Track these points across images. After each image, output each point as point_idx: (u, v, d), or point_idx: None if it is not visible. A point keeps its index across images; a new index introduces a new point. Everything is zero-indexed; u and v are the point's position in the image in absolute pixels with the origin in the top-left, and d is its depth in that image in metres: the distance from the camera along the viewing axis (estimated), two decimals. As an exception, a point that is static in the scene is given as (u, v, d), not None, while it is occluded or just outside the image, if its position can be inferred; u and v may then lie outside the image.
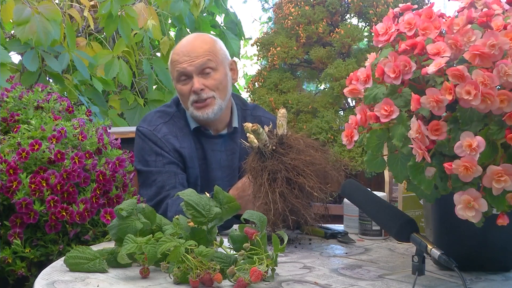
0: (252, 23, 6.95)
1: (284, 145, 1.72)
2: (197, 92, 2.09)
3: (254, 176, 1.73)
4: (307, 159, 1.70)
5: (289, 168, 1.68)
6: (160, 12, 4.04)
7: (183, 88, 2.12)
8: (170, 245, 1.37)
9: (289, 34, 4.11)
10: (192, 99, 2.10)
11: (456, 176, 1.20)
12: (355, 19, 4.23)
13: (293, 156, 1.69)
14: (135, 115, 3.98)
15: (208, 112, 2.10)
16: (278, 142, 1.72)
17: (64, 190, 1.76)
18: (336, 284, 1.37)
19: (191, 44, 2.15)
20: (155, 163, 2.09)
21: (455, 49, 1.23)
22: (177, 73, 2.12)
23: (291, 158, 1.69)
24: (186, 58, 2.11)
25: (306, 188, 1.67)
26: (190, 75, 2.10)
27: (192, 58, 2.10)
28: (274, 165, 1.69)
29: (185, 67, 2.10)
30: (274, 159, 1.70)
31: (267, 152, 1.71)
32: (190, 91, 2.10)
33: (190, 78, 2.10)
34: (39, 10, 3.18)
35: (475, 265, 1.46)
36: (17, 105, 2.04)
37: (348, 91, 1.39)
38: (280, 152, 1.70)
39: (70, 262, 1.44)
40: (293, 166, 1.68)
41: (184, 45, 2.16)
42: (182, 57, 2.11)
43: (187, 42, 2.17)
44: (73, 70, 3.66)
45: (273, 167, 1.69)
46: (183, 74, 2.11)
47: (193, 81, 2.09)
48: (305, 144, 1.74)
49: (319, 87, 4.45)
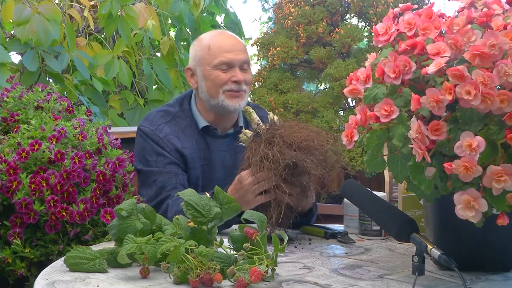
0: (252, 23, 6.97)
1: (276, 124, 1.81)
2: (239, 82, 2.12)
3: (253, 154, 1.77)
4: (301, 129, 1.78)
5: (284, 135, 1.75)
6: (160, 12, 4.04)
7: (221, 74, 2.13)
8: (170, 245, 1.37)
9: (289, 34, 4.11)
10: (229, 87, 2.12)
11: (456, 176, 1.20)
12: (355, 19, 4.22)
13: (287, 128, 1.78)
14: (135, 115, 3.98)
15: (240, 103, 2.13)
16: (271, 123, 1.81)
17: (64, 190, 1.76)
18: (336, 284, 1.37)
19: (234, 39, 2.21)
20: (156, 163, 2.09)
21: (455, 49, 1.23)
22: (220, 61, 2.13)
23: (285, 129, 1.77)
24: (233, 49, 2.14)
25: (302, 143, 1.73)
26: (233, 66, 2.13)
27: (238, 51, 2.14)
28: (269, 135, 1.76)
29: (232, 57, 2.13)
30: (269, 133, 1.77)
31: (261, 129, 1.79)
32: (229, 80, 2.12)
33: (232, 68, 2.13)
34: (39, 10, 3.18)
35: (475, 265, 1.46)
36: (17, 105, 2.04)
37: (348, 91, 1.39)
38: (274, 128, 1.79)
39: (70, 262, 1.44)
40: (288, 134, 1.76)
41: (227, 37, 2.21)
42: (228, 48, 2.14)
43: (228, 36, 2.23)
44: (73, 70, 3.66)
45: (269, 136, 1.76)
46: (226, 63, 2.13)
47: (236, 71, 2.12)
48: (297, 123, 1.82)
49: (319, 87, 4.45)
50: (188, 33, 4.34)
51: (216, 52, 2.14)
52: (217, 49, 2.14)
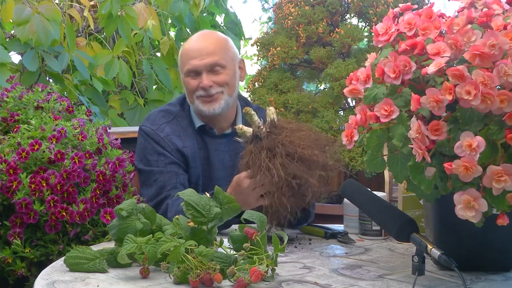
0: (252, 23, 6.96)
1: (277, 127, 1.78)
2: (205, 88, 2.10)
3: (253, 159, 1.76)
4: (301, 134, 1.76)
5: (285, 143, 1.73)
6: (160, 12, 4.04)
7: (191, 81, 2.12)
8: (170, 245, 1.37)
9: (289, 34, 4.11)
10: (199, 93, 2.11)
11: (456, 176, 1.20)
12: (355, 19, 4.22)
13: (288, 134, 1.75)
14: (135, 115, 3.98)
15: (214, 107, 2.11)
16: (271, 125, 1.79)
17: (64, 190, 1.76)
18: (336, 284, 1.37)
19: (203, 42, 2.16)
20: (157, 162, 2.09)
21: (455, 49, 1.23)
22: (187, 69, 2.12)
23: (286, 135, 1.75)
24: (197, 54, 2.11)
25: (306, 156, 1.71)
26: (199, 72, 2.11)
27: (203, 56, 2.11)
28: (270, 142, 1.74)
29: (196, 64, 2.11)
30: (270, 138, 1.75)
31: (261, 133, 1.77)
32: (198, 86, 2.11)
33: (199, 74, 2.11)
34: (39, 10, 3.18)
35: (475, 265, 1.46)
36: (17, 105, 2.04)
37: (348, 91, 1.39)
38: (275, 132, 1.76)
39: (70, 262, 1.44)
40: (289, 141, 1.73)
41: (195, 42, 2.17)
42: (193, 54, 2.12)
43: (198, 39, 2.19)
44: (73, 70, 3.66)
45: (270, 144, 1.73)
46: (193, 71, 2.12)
47: (202, 77, 2.10)
48: (296, 125, 1.80)
49: (319, 87, 4.45)
50: (188, 33, 4.33)
51: (184, 59, 2.15)
52: (185, 56, 2.15)
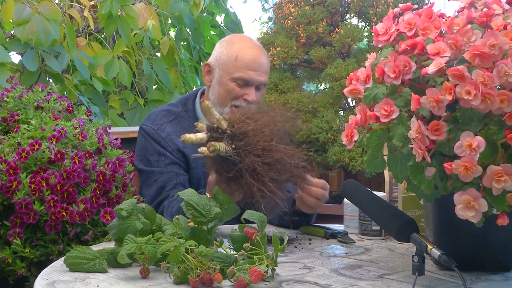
0: (252, 23, 6.97)
1: (237, 136, 1.60)
2: (249, 102, 2.07)
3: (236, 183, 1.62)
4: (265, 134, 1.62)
5: (259, 152, 1.58)
6: (160, 12, 4.05)
7: (236, 89, 2.09)
8: (170, 245, 1.37)
9: (289, 34, 4.11)
10: (238, 103, 2.08)
11: (456, 176, 1.20)
12: (355, 19, 4.22)
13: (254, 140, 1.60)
14: (135, 115, 3.99)
15: None
16: (232, 138, 1.60)
17: (64, 190, 1.76)
18: (336, 284, 1.37)
19: (262, 57, 2.13)
20: (157, 163, 2.08)
21: (455, 49, 1.23)
22: (240, 76, 2.08)
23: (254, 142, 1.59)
24: (258, 68, 2.09)
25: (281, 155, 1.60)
26: (250, 84, 2.09)
27: (261, 72, 2.10)
28: (247, 162, 1.58)
29: (252, 77, 2.08)
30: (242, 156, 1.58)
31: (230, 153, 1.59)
32: (241, 96, 2.08)
33: (248, 86, 2.09)
34: (39, 10, 3.18)
35: (475, 265, 1.46)
36: (17, 105, 2.04)
37: (348, 91, 1.39)
38: (241, 146, 1.59)
39: (70, 262, 1.44)
40: (261, 148, 1.59)
41: (257, 55, 2.12)
42: (253, 66, 2.09)
43: (258, 52, 2.13)
44: (73, 70, 3.67)
45: (248, 164, 1.58)
46: (245, 80, 2.09)
47: (251, 90, 2.08)
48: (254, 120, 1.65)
49: (319, 87, 4.45)
50: (188, 33, 4.34)
51: (240, 66, 2.09)
52: (242, 63, 2.09)
